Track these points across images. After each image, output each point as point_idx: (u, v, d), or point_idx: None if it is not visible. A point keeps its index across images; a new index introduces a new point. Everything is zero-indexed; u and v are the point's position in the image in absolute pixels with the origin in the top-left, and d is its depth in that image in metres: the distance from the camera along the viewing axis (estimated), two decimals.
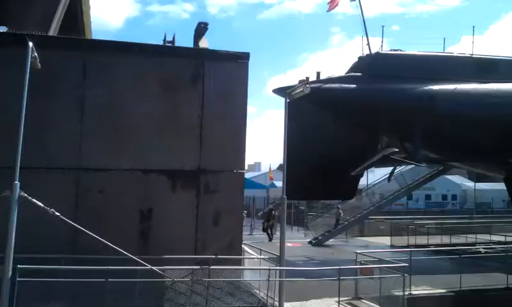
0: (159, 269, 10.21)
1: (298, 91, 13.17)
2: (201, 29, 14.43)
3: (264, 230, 28.00)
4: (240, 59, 13.22)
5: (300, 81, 19.87)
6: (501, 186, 37.08)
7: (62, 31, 15.90)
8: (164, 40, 15.18)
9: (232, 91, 13.10)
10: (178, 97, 12.65)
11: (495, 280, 14.56)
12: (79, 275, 9.28)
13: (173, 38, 15.13)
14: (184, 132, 12.55)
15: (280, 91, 21.37)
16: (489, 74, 21.97)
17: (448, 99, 20.68)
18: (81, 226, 10.01)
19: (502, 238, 22.38)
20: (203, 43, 14.18)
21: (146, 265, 10.08)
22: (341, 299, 11.93)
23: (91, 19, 19.55)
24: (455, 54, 22.80)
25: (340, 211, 27.56)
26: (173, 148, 12.36)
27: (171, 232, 11.93)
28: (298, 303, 12.14)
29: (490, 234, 25.59)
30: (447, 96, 20.72)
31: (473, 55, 22.64)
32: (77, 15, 15.77)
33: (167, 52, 13.50)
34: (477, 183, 53.09)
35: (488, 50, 21.28)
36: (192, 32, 14.56)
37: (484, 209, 53.27)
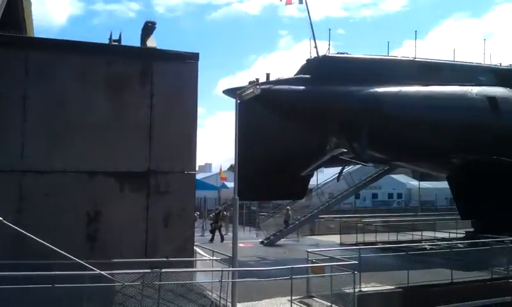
0: (108, 274, 9.90)
1: (249, 92, 13.19)
2: (149, 28, 14.14)
3: (212, 232, 27.72)
4: (189, 59, 13.09)
5: (250, 82, 19.89)
6: (444, 184, 38.64)
7: (1, 28, 15.16)
8: (110, 39, 14.75)
9: (181, 91, 12.93)
10: (126, 97, 12.35)
11: (440, 275, 15.10)
12: (24, 282, 8.84)
13: (120, 37, 14.74)
14: (133, 133, 12.26)
15: (230, 92, 21.33)
16: (432, 77, 22.85)
17: (393, 101, 21.31)
18: (25, 231, 9.57)
19: (446, 235, 23.30)
20: (151, 43, 13.90)
21: (94, 270, 9.76)
22: (293, 297, 12.00)
23: (33, 16, 18.81)
24: (399, 58, 23.54)
25: (290, 212, 27.79)
26: (121, 149, 12.05)
27: (120, 235, 11.63)
28: (251, 303, 12.13)
29: (434, 231, 26.60)
30: (392, 98, 21.35)
31: (417, 59, 23.48)
32: (17, 11, 15.07)
33: (114, 50, 13.14)
34: (421, 182, 55.19)
35: (428, 54, 22.20)
36: (139, 32, 14.24)
37: (428, 207, 55.29)
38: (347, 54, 22.85)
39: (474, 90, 22.92)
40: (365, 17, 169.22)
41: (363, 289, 13.31)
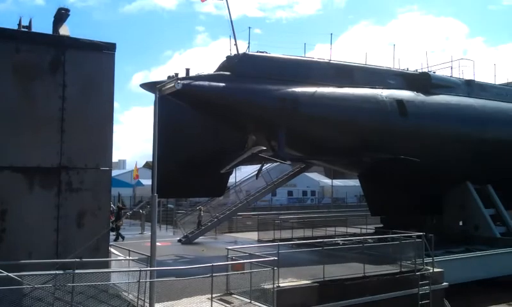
0: (17, 276, 9.14)
1: (169, 86, 12.84)
2: (61, 15, 13.28)
3: (114, 230, 26.37)
4: (105, 50, 12.47)
5: (169, 77, 19.48)
6: (354, 182, 40.40)
7: None
8: (19, 25, 13.69)
9: (96, 82, 12.30)
10: (36, 87, 11.51)
11: (353, 269, 15.68)
12: None
13: (30, 23, 13.70)
14: (43, 126, 11.45)
15: (149, 86, 20.75)
16: (345, 79, 23.75)
17: (309, 101, 21.88)
18: None
19: (357, 230, 24.35)
20: (64, 31, 13.04)
21: (1, 272, 8.97)
22: (213, 295, 11.88)
23: None
24: (315, 59, 24.19)
25: (202, 212, 27.38)
26: (30, 142, 11.20)
27: (29, 235, 10.82)
28: (170, 303, 11.80)
29: (346, 227, 27.68)
30: (308, 99, 21.91)
31: (332, 61, 24.28)
32: None
33: (23, 36, 12.16)
34: (333, 180, 57.37)
35: (339, 57, 23.22)
36: (49, 21, 13.35)
37: (339, 204, 57.57)
38: (266, 53, 23.10)
39: (384, 93, 24.15)
40: (281, 18, 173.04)
41: (281, 284, 13.47)
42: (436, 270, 16.86)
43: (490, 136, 26.36)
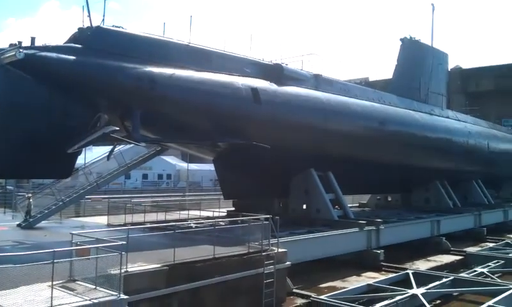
0: None
1: (9, 55, 11.66)
2: None
3: None
4: None
5: (11, 45, 17.58)
6: (209, 166, 41.03)
7: None
8: None
9: None
10: None
11: (204, 252, 15.94)
12: None
13: None
14: None
15: None
16: (204, 64, 23.85)
17: (167, 82, 21.55)
18: None
19: (210, 214, 24.73)
20: None
21: None
22: (54, 282, 11.14)
23: None
24: (175, 40, 23.84)
25: (31, 201, 25.29)
26: None
27: None
28: (5, 292, 10.76)
29: (200, 210, 28.01)
30: (166, 80, 21.56)
31: (191, 44, 24.18)
32: None
33: None
34: (189, 164, 57.68)
35: (198, 40, 23.00)
36: None
37: (194, 187, 58.16)
38: (122, 28, 22.14)
39: (240, 80, 24.81)
40: None
41: (129, 269, 13.17)
42: (280, 250, 17.93)
43: (332, 127, 28.72)
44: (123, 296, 12.04)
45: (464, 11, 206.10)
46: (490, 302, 17.77)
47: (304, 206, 28.87)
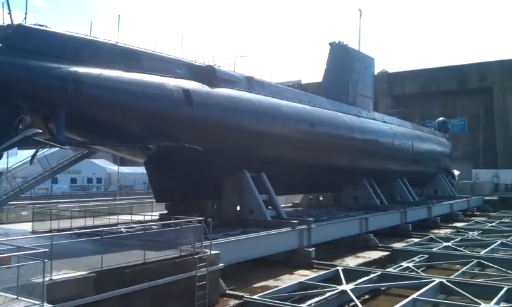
0: None
1: None
2: None
3: None
4: None
5: None
6: (142, 169, 40.20)
7: None
8: None
9: None
10: None
11: (134, 257, 15.56)
12: None
13: None
14: None
15: None
16: (133, 64, 23.32)
17: (93, 83, 20.88)
18: None
19: (141, 218, 24.20)
20: None
21: None
22: None
23: None
24: (102, 40, 23.14)
25: None
26: None
27: None
28: None
29: (131, 214, 27.32)
30: (92, 80, 20.89)
31: (119, 44, 23.56)
32: None
33: None
34: (120, 167, 56.18)
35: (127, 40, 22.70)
36: None
37: (126, 191, 56.76)
38: (46, 27, 21.21)
39: (171, 82, 24.49)
40: None
41: (54, 277, 12.63)
42: (213, 252, 17.88)
43: (264, 129, 29.07)
44: (47, 305, 11.54)
45: (391, 17, 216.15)
46: (415, 295, 18.60)
47: (238, 208, 28.96)
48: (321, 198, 45.36)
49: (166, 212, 29.34)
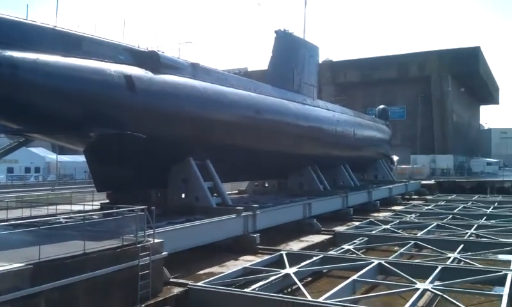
0: None
1: None
2: None
3: None
4: None
5: None
6: (83, 158, 39.01)
7: None
8: None
9: None
10: None
11: (73, 248, 15.12)
12: None
13: None
14: None
15: None
16: (73, 49, 22.50)
17: (29, 68, 20.00)
18: None
19: (81, 208, 23.51)
20: None
21: None
22: None
23: None
24: (38, 23, 22.15)
25: None
26: None
27: None
28: None
29: (71, 204, 26.53)
30: (29, 65, 20.01)
31: (57, 28, 22.64)
32: None
33: None
34: (60, 155, 54.23)
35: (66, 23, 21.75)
36: None
37: (66, 181, 54.94)
38: None
39: (113, 67, 23.83)
40: None
41: None
42: (156, 241, 17.69)
43: (209, 116, 28.95)
44: None
45: (335, 7, 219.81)
46: (355, 276, 19.28)
47: (183, 196, 28.78)
48: (267, 185, 45.87)
49: (107, 201, 28.68)
